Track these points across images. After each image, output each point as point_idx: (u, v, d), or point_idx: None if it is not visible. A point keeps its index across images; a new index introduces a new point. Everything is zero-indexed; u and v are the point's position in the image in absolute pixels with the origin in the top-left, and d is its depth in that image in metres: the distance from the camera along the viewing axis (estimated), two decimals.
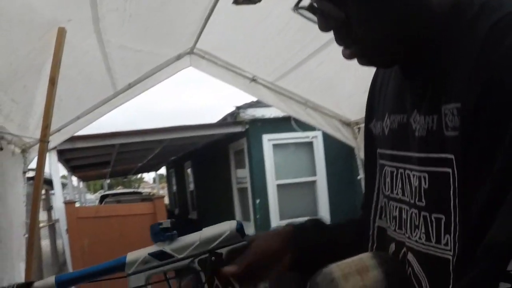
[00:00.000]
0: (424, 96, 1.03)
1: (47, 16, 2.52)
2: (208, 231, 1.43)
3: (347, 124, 4.92)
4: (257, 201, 10.17)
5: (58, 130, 4.33)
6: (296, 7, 1.08)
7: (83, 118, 4.45)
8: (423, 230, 1.04)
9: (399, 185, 1.15)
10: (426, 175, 1.02)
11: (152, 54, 4.15)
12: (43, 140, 3.01)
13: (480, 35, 0.89)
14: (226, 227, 1.43)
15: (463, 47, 0.94)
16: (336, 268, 1.19)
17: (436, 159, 0.98)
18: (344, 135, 4.96)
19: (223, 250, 1.37)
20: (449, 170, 0.94)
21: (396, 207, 1.18)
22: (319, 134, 9.98)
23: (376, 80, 1.36)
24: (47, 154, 7.64)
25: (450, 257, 0.96)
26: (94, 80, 4.00)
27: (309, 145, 10.52)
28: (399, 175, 1.15)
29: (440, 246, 0.99)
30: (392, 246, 1.23)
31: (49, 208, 14.06)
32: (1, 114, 2.87)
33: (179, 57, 4.47)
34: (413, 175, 1.07)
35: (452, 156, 0.93)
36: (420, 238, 1.05)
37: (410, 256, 1.11)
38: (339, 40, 1.07)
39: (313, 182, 10.54)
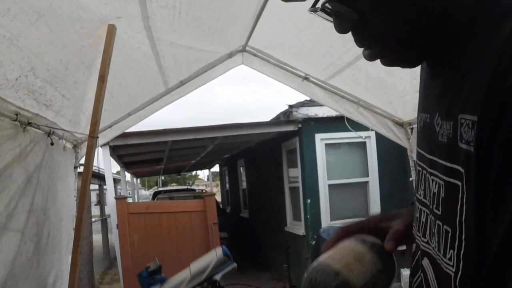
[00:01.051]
0: (444, 99, 0.98)
1: (96, 13, 2.54)
2: (197, 265, 1.44)
3: (400, 124, 4.81)
4: (308, 201, 10.09)
5: (110, 126, 4.39)
6: (313, 8, 1.05)
7: (134, 115, 4.51)
8: (437, 239, 1.00)
9: (422, 187, 1.11)
10: (443, 184, 0.97)
11: (203, 52, 4.15)
12: (92, 135, 3.04)
13: (501, 39, 0.82)
14: (212, 255, 1.45)
15: (483, 50, 0.87)
16: (334, 261, 1.20)
17: (450, 169, 0.93)
18: (396, 136, 4.86)
19: (218, 277, 1.39)
20: (459, 183, 0.89)
21: (418, 208, 1.14)
22: (372, 134, 9.85)
23: (421, 75, 1.32)
24: (100, 150, 7.78)
25: (452, 273, 0.91)
26: (145, 77, 4.03)
27: (362, 145, 10.39)
28: (423, 176, 1.11)
29: (445, 259, 0.95)
30: (414, 246, 1.21)
31: (97, 203, 14.35)
32: (52, 109, 2.91)
33: (231, 55, 4.46)
34: (433, 181, 1.03)
35: (462, 170, 0.88)
36: (435, 246, 1.01)
37: (425, 262, 1.07)
38: (358, 41, 1.04)
39: (365, 183, 10.40)
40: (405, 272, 8.91)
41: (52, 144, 2.98)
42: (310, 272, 1.21)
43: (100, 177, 14.04)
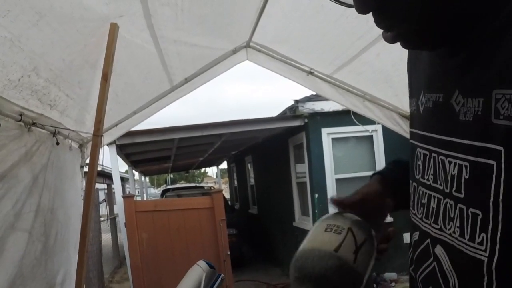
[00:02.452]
0: (467, 76, 0.94)
1: (98, 13, 2.54)
2: (187, 284, 1.43)
3: (406, 117, 4.79)
4: (316, 195, 10.08)
5: (115, 125, 4.40)
6: None
7: (140, 113, 4.51)
8: (457, 224, 0.95)
9: (431, 171, 1.07)
10: (468, 165, 0.92)
11: (207, 49, 4.14)
12: (96, 134, 3.04)
13: None
14: (198, 271, 1.45)
15: None
16: (325, 245, 1.19)
17: (479, 148, 0.89)
18: (403, 129, 4.84)
19: None
20: (493, 162, 0.85)
21: (425, 193, 1.10)
22: (379, 127, 9.81)
23: (411, 54, 1.28)
24: (107, 149, 7.78)
25: (484, 258, 0.87)
26: (150, 75, 4.03)
27: (369, 139, 10.36)
28: (432, 159, 1.07)
29: (473, 244, 0.90)
30: (416, 235, 1.18)
31: (101, 202, 14.37)
32: (57, 109, 2.91)
33: (235, 51, 4.46)
34: (451, 162, 0.98)
35: (500, 148, 0.83)
36: (454, 232, 0.97)
37: (438, 250, 1.03)
38: (380, 22, 0.98)
39: None
40: None
41: (57, 143, 2.99)
42: (298, 260, 1.20)
43: (108, 176, 14.08)
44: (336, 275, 1.13)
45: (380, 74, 4.26)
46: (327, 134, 10.22)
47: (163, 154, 13.71)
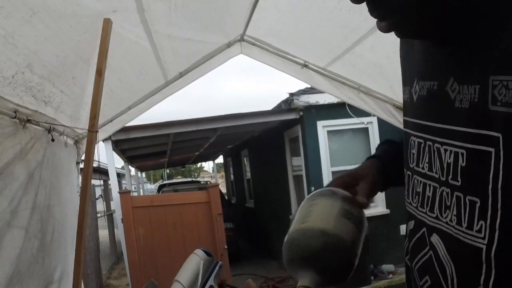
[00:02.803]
0: (462, 64, 0.93)
1: (91, 8, 2.53)
2: (186, 275, 1.43)
3: (401, 108, 4.78)
4: (312, 188, 10.07)
5: (110, 120, 4.39)
6: None
7: (134, 108, 4.50)
8: (454, 212, 0.95)
9: (426, 159, 1.07)
10: (464, 152, 0.92)
11: (201, 43, 4.13)
12: (91, 130, 3.03)
13: None
14: (195, 259, 1.46)
15: None
16: (324, 224, 1.18)
17: (476, 135, 0.89)
18: (398, 120, 4.84)
19: (211, 281, 1.39)
20: (491, 149, 0.85)
21: (421, 182, 1.10)
22: (374, 119, 9.84)
23: (403, 42, 1.28)
24: (102, 145, 7.77)
25: (483, 246, 0.88)
26: (144, 70, 4.02)
27: (365, 131, 10.38)
28: (426, 147, 1.06)
29: (471, 232, 0.91)
30: (411, 224, 1.18)
31: (98, 197, 14.38)
32: (51, 105, 2.90)
33: (229, 45, 4.45)
34: (446, 150, 0.98)
35: (499, 135, 0.84)
36: (451, 220, 0.97)
37: (435, 238, 1.04)
38: (373, 11, 0.98)
39: None
40: None
41: (53, 140, 2.98)
42: (293, 240, 1.19)
43: (104, 172, 14.07)
44: (333, 253, 1.14)
45: (374, 66, 4.26)
46: (323, 127, 10.24)
47: (159, 149, 13.71)
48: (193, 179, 26.21)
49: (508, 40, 0.83)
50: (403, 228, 9.51)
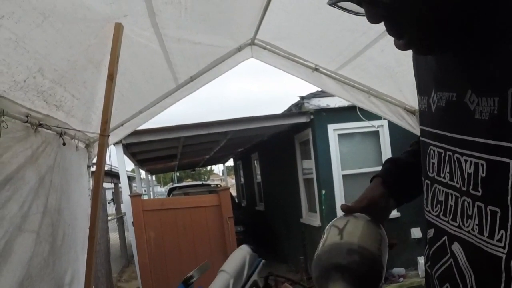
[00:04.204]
0: (481, 75, 0.93)
1: (101, 12, 2.54)
2: (232, 266, 1.46)
3: (412, 112, 4.78)
4: (323, 192, 10.08)
5: (122, 124, 4.40)
6: (331, 0, 1.02)
7: (145, 112, 4.51)
8: (476, 222, 0.96)
9: (447, 169, 1.07)
10: (484, 163, 0.93)
11: (212, 46, 4.14)
12: (103, 134, 3.04)
13: None
14: (242, 253, 1.49)
15: None
16: (345, 238, 1.23)
17: (495, 146, 0.89)
18: (408, 123, 4.82)
19: (255, 277, 1.42)
20: (509, 161, 0.86)
21: (443, 191, 1.10)
22: (385, 123, 9.80)
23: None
24: (113, 148, 7.79)
25: (503, 255, 0.88)
26: (155, 74, 4.03)
27: (375, 134, 10.35)
28: (447, 157, 1.07)
29: (492, 241, 0.91)
30: (431, 232, 1.19)
31: (109, 201, 14.44)
32: (63, 110, 2.92)
33: (240, 49, 4.45)
34: (466, 161, 0.99)
35: None
36: (473, 229, 0.97)
37: (455, 247, 1.04)
38: (390, 30, 1.00)
39: None
40: (422, 260, 8.89)
41: (64, 144, 2.99)
42: (324, 253, 1.23)
43: (114, 176, 14.11)
44: (364, 265, 1.18)
45: (385, 69, 4.25)
46: (333, 130, 10.21)
47: (169, 153, 13.73)
48: (203, 182, 26.26)
49: None
50: (413, 232, 9.48)
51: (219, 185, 18.49)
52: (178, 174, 44.67)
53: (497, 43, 0.90)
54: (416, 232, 9.37)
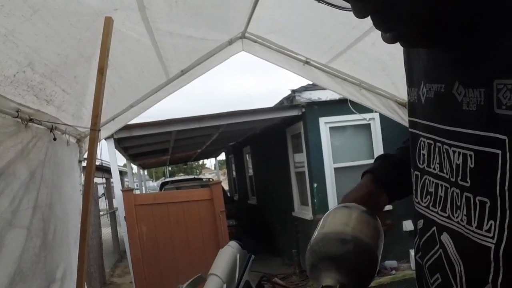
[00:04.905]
0: (466, 67, 0.94)
1: (92, 6, 2.53)
2: (221, 267, 1.43)
3: (403, 104, 4.78)
4: (315, 185, 10.10)
5: (113, 119, 4.38)
6: None
7: (137, 106, 4.50)
8: (464, 212, 0.97)
9: (437, 160, 1.08)
10: (472, 154, 0.94)
11: (203, 40, 4.13)
12: (94, 128, 3.03)
13: None
14: (230, 251, 1.47)
15: None
16: (340, 228, 1.22)
17: (483, 137, 0.90)
18: (400, 116, 4.83)
19: (247, 276, 1.40)
20: (499, 151, 0.86)
21: (433, 182, 1.11)
22: (376, 116, 9.83)
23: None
24: (105, 143, 7.78)
25: (491, 245, 0.89)
26: (146, 68, 4.01)
27: (367, 127, 10.37)
28: (436, 148, 1.08)
29: (480, 231, 0.92)
30: (421, 223, 1.19)
31: (100, 196, 14.40)
32: (53, 104, 2.90)
33: (230, 42, 4.43)
34: (455, 152, 1.00)
35: (505, 138, 0.85)
36: (462, 220, 0.98)
37: (445, 237, 1.05)
38: (378, 24, 0.99)
39: None
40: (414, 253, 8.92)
41: (55, 139, 2.98)
42: (317, 244, 1.22)
43: (106, 170, 14.09)
44: (358, 256, 1.17)
45: (376, 62, 4.25)
46: (325, 123, 10.23)
47: (161, 147, 13.72)
48: (195, 177, 26.24)
49: (508, 46, 0.84)
50: (406, 224, 9.51)
51: (211, 179, 18.47)
52: (170, 168, 44.63)
53: (485, 37, 0.90)
54: (408, 225, 9.40)
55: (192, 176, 27.17)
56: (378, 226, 1.29)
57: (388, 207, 1.52)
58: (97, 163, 3.18)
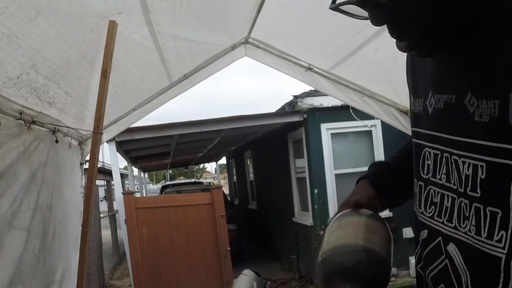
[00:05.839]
0: (482, 78, 0.94)
1: (96, 9, 2.53)
2: None
3: (405, 112, 4.78)
4: (316, 191, 10.10)
5: (115, 121, 4.39)
6: (333, 4, 1.02)
7: (139, 109, 4.50)
8: (473, 223, 0.97)
9: (443, 170, 1.08)
10: (484, 165, 0.94)
11: (206, 44, 4.13)
12: (96, 131, 3.03)
13: None
14: (248, 280, 1.46)
15: None
16: (352, 239, 1.21)
17: (496, 148, 0.90)
18: (401, 124, 4.83)
19: None
20: (511, 162, 0.87)
21: (438, 192, 1.11)
22: (378, 122, 9.83)
23: (410, 56, 1.30)
24: (106, 146, 7.78)
25: (502, 255, 0.89)
26: (149, 71, 4.02)
27: (368, 134, 10.37)
28: (444, 159, 1.08)
29: (490, 242, 0.92)
30: (424, 233, 1.19)
31: (102, 199, 14.41)
32: (56, 107, 2.90)
33: (234, 47, 4.44)
34: (464, 162, 0.99)
35: None
36: (470, 230, 0.98)
37: (451, 248, 1.05)
38: (393, 32, 1.01)
39: None
40: (413, 260, 8.89)
41: (57, 141, 2.98)
42: (329, 257, 1.21)
43: (107, 173, 14.09)
44: (372, 267, 1.17)
45: (379, 69, 4.25)
46: (326, 129, 10.23)
47: (162, 150, 13.72)
48: (196, 180, 26.22)
49: None
50: (405, 231, 9.49)
51: (211, 183, 18.47)
52: (171, 172, 44.60)
53: (498, 47, 0.91)
54: (408, 232, 9.38)
55: (192, 180, 27.15)
56: (388, 231, 1.29)
57: (388, 214, 1.52)
58: (99, 165, 3.18)
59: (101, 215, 13.49)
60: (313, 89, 8.74)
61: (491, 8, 0.91)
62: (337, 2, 1.03)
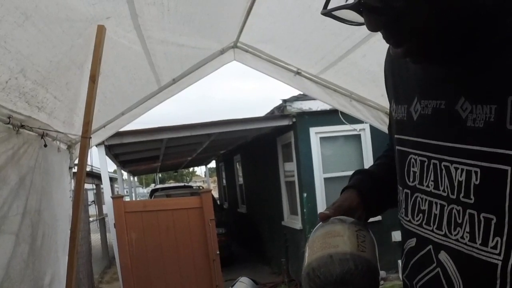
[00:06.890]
0: (474, 83, 0.94)
1: (84, 14, 2.53)
2: None
3: None
4: (305, 194, 10.11)
5: (104, 126, 4.39)
6: (326, 9, 1.01)
7: (128, 114, 4.51)
8: (467, 229, 0.96)
9: (431, 177, 1.07)
10: (478, 170, 0.93)
11: (195, 49, 4.14)
12: (85, 136, 3.03)
13: None
14: (244, 287, 1.45)
15: None
16: (343, 246, 1.20)
17: (491, 154, 0.90)
18: None
19: None
20: (507, 168, 0.87)
21: (426, 200, 1.10)
22: (366, 126, 9.84)
23: (391, 62, 1.29)
24: (95, 150, 7.75)
25: (498, 262, 0.89)
26: (138, 76, 4.02)
27: (357, 137, 10.39)
28: (431, 166, 1.07)
29: (485, 248, 0.92)
30: (412, 242, 1.17)
31: (90, 203, 14.34)
32: (45, 111, 2.90)
33: (222, 51, 4.45)
34: (457, 168, 0.99)
35: None
36: (462, 237, 0.98)
37: (443, 256, 1.04)
38: (389, 38, 1.01)
39: None
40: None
41: (45, 145, 2.98)
42: (315, 269, 1.19)
43: (96, 177, 14.03)
44: (360, 274, 1.15)
45: (367, 74, 4.27)
46: (315, 133, 10.25)
47: (152, 154, 13.68)
48: (186, 184, 26.17)
49: None
50: (394, 235, 9.53)
51: (201, 187, 18.43)
52: (160, 175, 44.49)
53: (497, 53, 0.91)
54: (397, 235, 9.41)
55: (182, 184, 27.10)
56: (371, 237, 1.28)
57: (377, 218, 1.52)
58: (88, 169, 3.18)
59: (91, 219, 13.43)
60: (302, 93, 8.77)
61: (494, 15, 0.92)
62: (330, 7, 1.00)
